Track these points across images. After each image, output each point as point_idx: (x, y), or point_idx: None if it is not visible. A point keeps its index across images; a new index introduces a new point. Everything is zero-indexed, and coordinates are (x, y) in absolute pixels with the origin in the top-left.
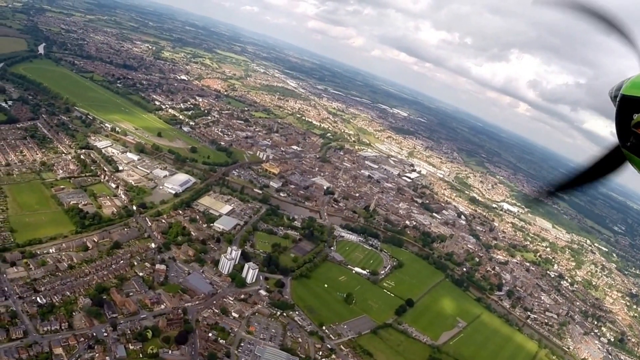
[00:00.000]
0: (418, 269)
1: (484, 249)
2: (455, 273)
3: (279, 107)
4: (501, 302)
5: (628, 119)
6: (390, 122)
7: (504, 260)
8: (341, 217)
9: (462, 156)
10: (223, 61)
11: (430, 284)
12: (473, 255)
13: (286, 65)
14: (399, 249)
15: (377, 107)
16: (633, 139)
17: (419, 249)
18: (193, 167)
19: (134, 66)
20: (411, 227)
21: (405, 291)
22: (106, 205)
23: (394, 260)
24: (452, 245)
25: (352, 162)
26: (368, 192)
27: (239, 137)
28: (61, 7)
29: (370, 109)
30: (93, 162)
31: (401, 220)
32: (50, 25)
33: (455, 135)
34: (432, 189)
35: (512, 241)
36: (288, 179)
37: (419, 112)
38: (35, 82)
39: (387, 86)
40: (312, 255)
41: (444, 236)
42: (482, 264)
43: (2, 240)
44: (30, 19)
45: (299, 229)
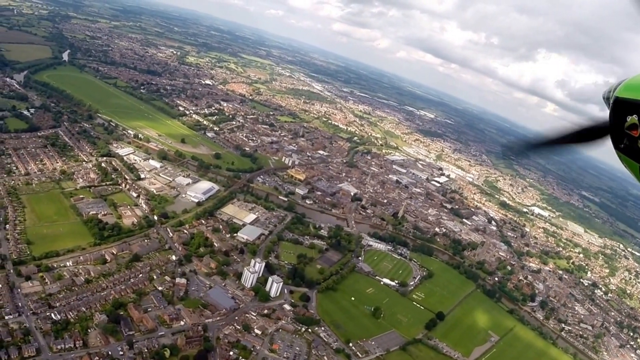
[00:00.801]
0: (448, 279)
1: (515, 257)
2: (487, 283)
3: (305, 110)
4: (534, 313)
5: (622, 121)
6: (418, 124)
7: (537, 268)
8: (369, 224)
9: (490, 159)
10: (248, 65)
11: (461, 295)
12: (505, 264)
13: (311, 68)
14: (429, 257)
15: (403, 109)
16: (626, 141)
17: (449, 258)
18: (217, 174)
19: (158, 71)
20: (441, 234)
21: (436, 303)
22: (126, 216)
23: (424, 270)
24: (483, 253)
25: (380, 167)
26: (396, 197)
27: (264, 142)
28: (86, 14)
29: (397, 112)
30: (114, 170)
31: (430, 227)
32: (75, 32)
33: (483, 137)
34: (462, 194)
35: (544, 247)
36: (314, 185)
37: (446, 113)
38: (58, 89)
39: (413, 88)
40: (339, 266)
41: (475, 244)
42: (514, 273)
43: (18, 253)
44: (55, 26)
45: (325, 238)
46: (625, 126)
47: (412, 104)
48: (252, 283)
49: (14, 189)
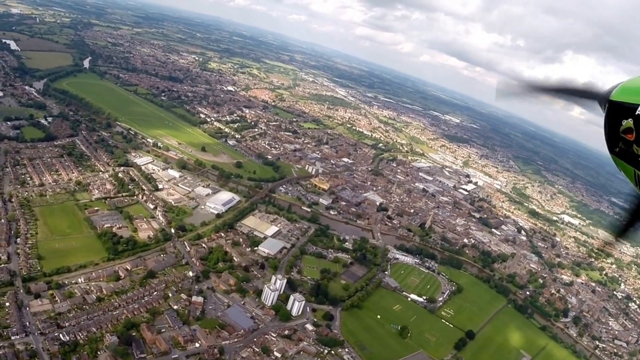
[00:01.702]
0: (478, 293)
1: (547, 269)
2: (518, 297)
3: (329, 116)
4: (567, 330)
5: (617, 125)
6: (443, 129)
7: (569, 280)
8: (395, 236)
9: (518, 164)
10: (271, 71)
11: (491, 311)
12: (536, 277)
13: (335, 73)
14: (458, 271)
15: (428, 114)
16: (622, 145)
17: (479, 270)
18: (238, 183)
19: (180, 78)
20: (470, 245)
21: (465, 321)
22: (142, 229)
23: (453, 285)
24: (513, 266)
25: (406, 175)
26: (423, 207)
27: (286, 150)
28: (109, 21)
29: (422, 116)
30: (131, 181)
31: (459, 238)
32: (97, 39)
33: (510, 142)
34: (490, 202)
35: (575, 258)
36: (338, 194)
37: (471, 117)
38: (77, 97)
39: (437, 92)
40: (364, 281)
41: (505, 255)
42: (546, 286)
43: (28, 268)
44: (77, 33)
45: (350, 252)
46: (620, 130)
47: (436, 108)
48: (273, 301)
49: (27, 201)
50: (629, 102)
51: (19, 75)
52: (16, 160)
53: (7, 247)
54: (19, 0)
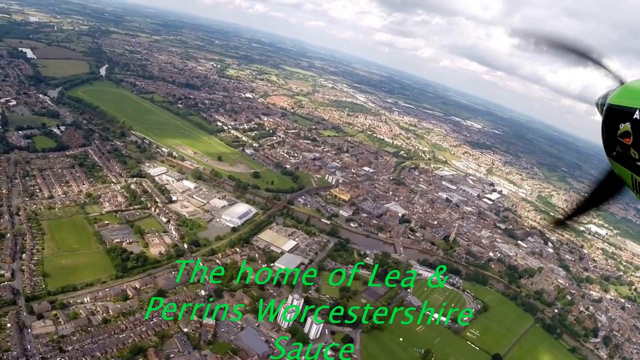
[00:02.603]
0: (505, 312)
1: (575, 284)
2: (546, 316)
3: (349, 124)
4: (597, 351)
5: (614, 129)
6: (465, 135)
7: (598, 296)
8: (418, 249)
9: (542, 171)
10: (290, 77)
11: (519, 331)
12: (564, 293)
13: (354, 79)
14: (483, 287)
15: (450, 119)
16: (619, 148)
17: (505, 286)
18: (255, 194)
19: (197, 85)
20: (495, 259)
21: (492, 342)
22: (154, 244)
23: (478, 303)
24: (541, 281)
25: (428, 184)
26: (447, 218)
27: (306, 159)
28: (127, 29)
29: (444, 122)
30: (144, 193)
31: (484, 251)
32: (115, 46)
33: (533, 148)
34: (515, 212)
35: (604, 272)
36: (359, 206)
37: (493, 123)
38: (91, 105)
39: (458, 97)
40: (385, 300)
41: (532, 270)
42: (574, 304)
43: (32, 287)
44: (94, 41)
45: (371, 267)
46: (618, 134)
47: (458, 114)
48: (289, 323)
49: (34, 214)
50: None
51: (34, 84)
52: (26, 171)
53: (12, 264)
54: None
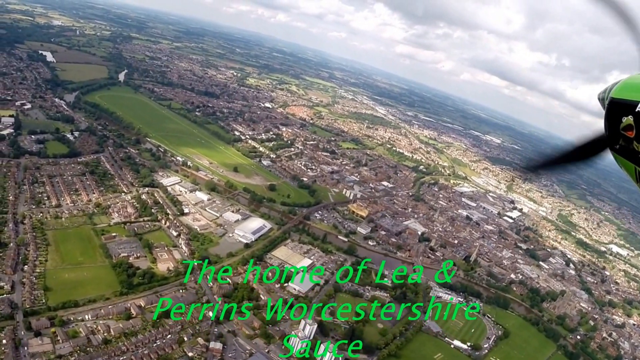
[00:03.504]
0: (526, 338)
1: (597, 308)
2: (569, 342)
3: (368, 136)
4: None
5: (617, 122)
6: (485, 150)
7: (620, 322)
8: (438, 269)
9: (562, 189)
10: (310, 87)
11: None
12: (587, 318)
13: (374, 91)
14: (504, 311)
15: (469, 134)
16: (622, 142)
17: (526, 310)
18: (270, 208)
19: (216, 93)
20: (517, 282)
21: None
22: (162, 259)
23: (499, 328)
24: (563, 306)
25: (448, 200)
26: (467, 237)
27: (323, 172)
28: (149, 35)
29: (463, 136)
30: (155, 204)
31: (506, 273)
32: (135, 52)
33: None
34: (536, 231)
35: (626, 295)
36: (378, 222)
37: (512, 138)
38: (107, 110)
39: (477, 111)
40: (403, 324)
41: (554, 293)
42: (597, 329)
43: (32, 301)
44: (115, 46)
45: (389, 289)
46: (621, 127)
47: (477, 128)
48: (301, 349)
49: (40, 223)
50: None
51: (51, 87)
52: (35, 177)
53: (13, 275)
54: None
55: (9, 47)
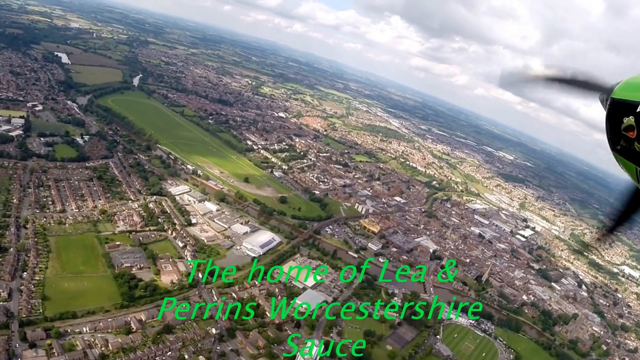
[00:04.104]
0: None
1: (610, 332)
2: None
3: (382, 149)
4: None
5: (618, 123)
6: (498, 167)
7: (633, 346)
8: (449, 289)
9: (574, 207)
10: (324, 98)
11: None
12: (600, 342)
13: (388, 103)
14: (516, 334)
15: (482, 149)
16: (623, 142)
17: (538, 333)
18: (280, 221)
19: (230, 101)
20: (529, 303)
21: None
22: (166, 271)
23: (511, 352)
24: (576, 330)
25: (461, 217)
26: (480, 255)
27: (336, 185)
28: (166, 41)
29: (476, 152)
30: (162, 213)
31: (518, 294)
32: (151, 57)
33: (565, 182)
34: (549, 250)
35: (639, 319)
36: (389, 239)
37: (524, 154)
38: (119, 115)
39: (490, 126)
40: (412, 347)
41: (566, 316)
42: (610, 354)
43: (28, 310)
44: (132, 50)
45: (398, 308)
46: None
47: (490, 143)
48: None
49: (43, 229)
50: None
51: (64, 90)
52: (41, 180)
53: (11, 282)
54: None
55: (25, 47)
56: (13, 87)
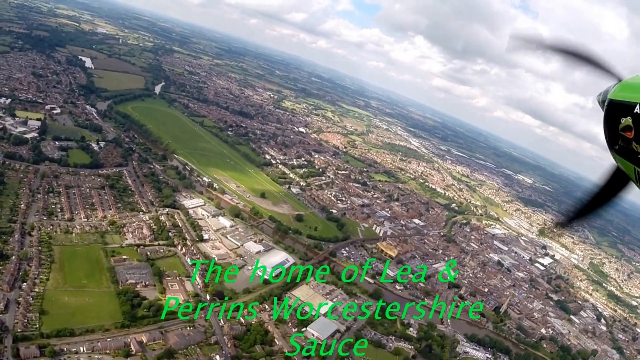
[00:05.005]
0: None
1: None
2: None
3: (401, 169)
4: None
5: (616, 123)
6: (517, 191)
7: None
8: (466, 320)
9: (593, 235)
10: (345, 115)
11: None
12: None
13: (409, 122)
14: None
15: (501, 172)
16: (621, 142)
17: None
18: (295, 240)
19: (251, 114)
20: (547, 337)
21: None
22: (172, 290)
23: None
24: None
25: (480, 242)
26: (498, 285)
27: (354, 205)
28: (191, 50)
29: (495, 175)
30: (174, 227)
31: (536, 327)
32: (175, 65)
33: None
34: (568, 280)
35: None
36: (407, 264)
37: (543, 178)
38: (138, 122)
39: (509, 148)
40: None
41: (586, 352)
42: None
43: (24, 324)
44: (156, 58)
45: (414, 340)
46: (620, 128)
47: (509, 166)
48: None
49: (48, 237)
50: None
51: (84, 94)
52: (51, 186)
53: (9, 292)
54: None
55: (50, 49)
56: (33, 88)
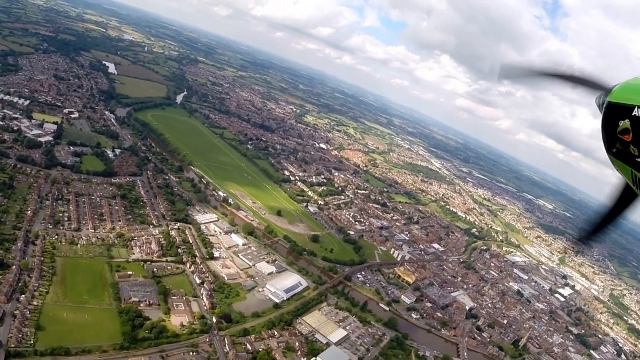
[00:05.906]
0: None
1: None
2: None
3: (422, 190)
4: None
5: (614, 126)
6: (538, 216)
7: None
8: (484, 354)
9: (614, 265)
10: (367, 132)
11: None
12: None
13: (431, 142)
14: None
15: (522, 196)
16: (619, 145)
17: None
18: (309, 262)
19: (272, 127)
20: None
21: None
22: (177, 311)
23: None
24: None
25: (500, 270)
26: (517, 316)
27: (372, 227)
28: (215, 61)
29: (516, 199)
30: (184, 242)
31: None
32: (198, 75)
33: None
34: (588, 313)
35: None
36: (424, 292)
37: (564, 204)
38: (156, 131)
39: (530, 172)
40: None
41: None
42: None
43: (19, 340)
44: (180, 67)
45: None
46: (618, 131)
47: (530, 191)
48: None
49: (52, 247)
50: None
51: (104, 99)
52: (61, 193)
53: (6, 304)
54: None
55: (74, 53)
56: (54, 91)
